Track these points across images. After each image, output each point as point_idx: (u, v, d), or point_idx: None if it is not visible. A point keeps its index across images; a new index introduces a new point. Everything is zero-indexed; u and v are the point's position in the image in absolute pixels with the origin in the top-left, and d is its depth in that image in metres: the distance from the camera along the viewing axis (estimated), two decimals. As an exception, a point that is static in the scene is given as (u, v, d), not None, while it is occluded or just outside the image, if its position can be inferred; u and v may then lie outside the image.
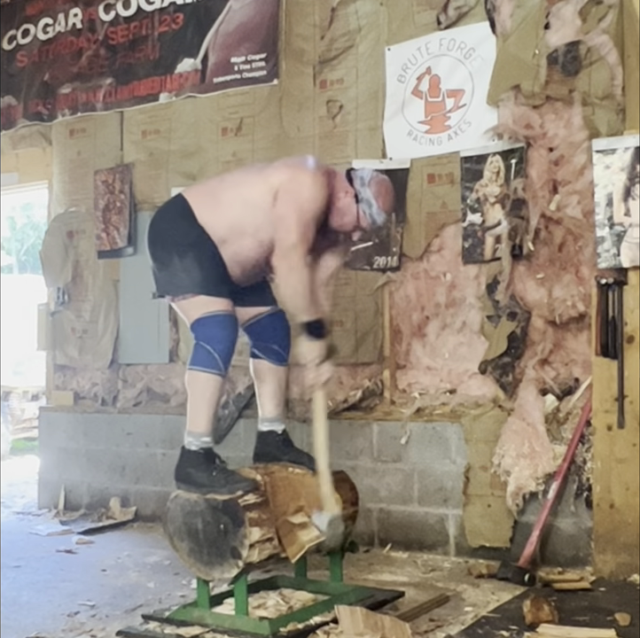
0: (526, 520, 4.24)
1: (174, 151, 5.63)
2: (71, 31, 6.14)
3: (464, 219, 4.62)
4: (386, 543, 4.66)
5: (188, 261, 3.45)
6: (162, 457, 5.49)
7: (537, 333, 4.41)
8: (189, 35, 5.62)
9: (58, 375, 6.18)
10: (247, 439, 4.97)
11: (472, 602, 3.68)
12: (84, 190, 6.00)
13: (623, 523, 3.96)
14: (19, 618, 3.55)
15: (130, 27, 5.87)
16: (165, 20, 5.73)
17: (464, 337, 4.65)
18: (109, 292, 5.89)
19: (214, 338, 3.41)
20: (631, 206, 4.03)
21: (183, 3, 5.65)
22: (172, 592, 3.92)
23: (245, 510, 3.20)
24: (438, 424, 4.58)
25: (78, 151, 6.05)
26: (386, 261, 4.83)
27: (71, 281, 6.04)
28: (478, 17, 4.62)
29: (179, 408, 5.53)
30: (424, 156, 4.78)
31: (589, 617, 3.33)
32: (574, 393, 4.31)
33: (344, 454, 4.72)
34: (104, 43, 5.99)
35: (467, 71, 4.66)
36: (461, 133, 4.68)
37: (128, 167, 5.81)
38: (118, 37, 5.93)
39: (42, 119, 6.23)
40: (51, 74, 6.21)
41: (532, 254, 4.41)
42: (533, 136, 4.43)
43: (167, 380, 5.65)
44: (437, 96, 4.76)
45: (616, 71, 4.23)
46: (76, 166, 6.06)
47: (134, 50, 5.85)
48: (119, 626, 3.39)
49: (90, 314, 5.96)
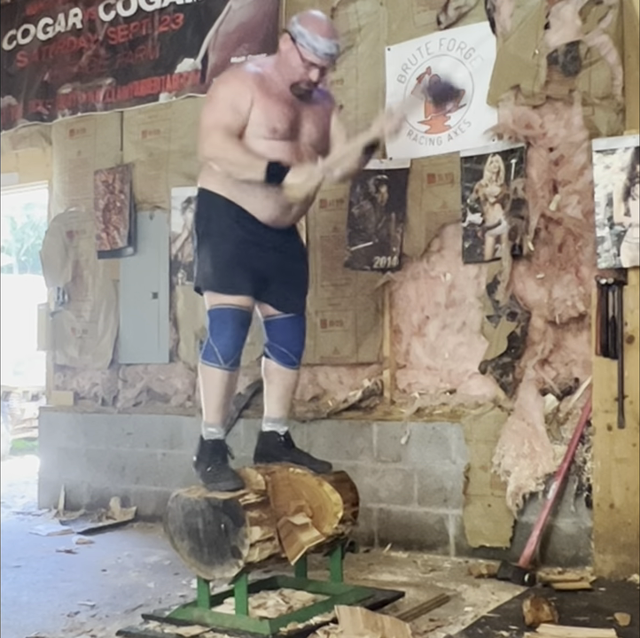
0: (526, 520, 4.24)
1: (174, 151, 5.63)
2: (71, 31, 6.14)
3: (464, 219, 4.62)
4: (386, 543, 4.66)
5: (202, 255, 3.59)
6: (162, 457, 5.50)
7: (537, 333, 4.41)
8: (189, 35, 5.62)
9: (58, 375, 6.18)
10: (247, 439, 4.97)
11: (472, 602, 3.68)
12: (84, 190, 6.00)
13: (623, 523, 3.96)
14: (19, 618, 3.55)
15: (130, 27, 5.87)
16: (165, 20, 5.72)
17: (464, 337, 4.65)
18: (109, 292, 5.89)
19: (214, 332, 3.51)
20: (631, 206, 4.03)
21: (183, 3, 5.65)
22: (172, 592, 3.91)
23: (246, 510, 3.20)
24: (438, 424, 4.58)
25: (78, 151, 6.05)
26: (386, 261, 4.83)
27: (71, 281, 6.04)
28: (478, 17, 4.62)
29: (179, 408, 5.54)
30: (424, 156, 4.78)
31: (589, 617, 3.33)
32: (574, 393, 4.30)
33: (344, 454, 4.72)
34: (104, 43, 5.98)
35: (467, 71, 4.66)
36: (461, 133, 4.68)
37: (128, 167, 5.81)
38: (118, 37, 5.93)
39: (43, 119, 6.23)
40: (51, 74, 6.21)
41: (532, 254, 4.41)
42: (533, 136, 4.43)
43: (167, 380, 5.65)
44: (437, 96, 4.76)
45: (616, 71, 4.23)
46: (76, 166, 6.05)
47: (134, 50, 5.85)
48: (119, 626, 3.39)
49: (90, 314, 5.96)
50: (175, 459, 5.40)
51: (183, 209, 5.52)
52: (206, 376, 3.55)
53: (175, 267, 5.58)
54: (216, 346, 3.48)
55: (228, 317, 3.48)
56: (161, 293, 5.63)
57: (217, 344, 3.48)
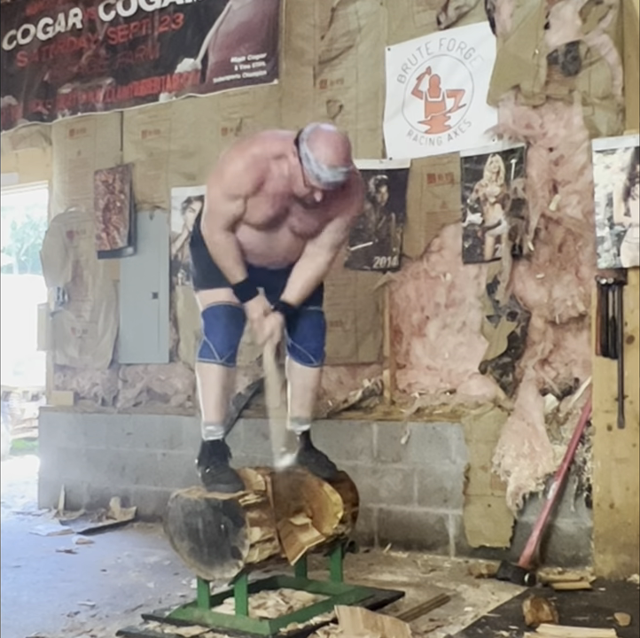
0: (526, 520, 4.24)
1: (174, 151, 5.63)
2: (71, 31, 6.14)
3: (464, 219, 4.62)
4: (386, 543, 4.66)
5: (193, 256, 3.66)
6: (162, 457, 5.50)
7: (537, 333, 4.41)
8: (189, 35, 5.62)
9: (58, 375, 6.18)
10: (247, 439, 4.98)
11: (472, 602, 3.68)
12: (84, 190, 6.00)
13: (623, 523, 3.96)
14: (19, 618, 3.55)
15: (130, 27, 5.87)
16: (165, 20, 5.72)
17: (464, 337, 4.65)
18: (109, 292, 5.89)
19: (208, 329, 3.55)
20: (631, 206, 4.03)
21: (183, 3, 5.65)
22: (172, 592, 3.91)
23: (246, 510, 3.20)
24: (438, 424, 4.58)
25: (78, 151, 6.05)
26: (386, 261, 4.83)
27: (71, 281, 6.04)
28: (478, 17, 4.62)
29: (179, 408, 5.54)
30: (424, 156, 4.78)
31: (589, 617, 3.34)
32: (574, 393, 4.31)
33: (344, 454, 4.72)
34: (104, 43, 5.98)
35: (467, 71, 4.66)
36: (461, 133, 4.68)
37: (128, 167, 5.81)
38: (118, 37, 5.93)
39: (43, 119, 6.23)
40: (51, 74, 6.21)
41: (532, 254, 4.41)
42: (533, 135, 4.43)
43: (167, 380, 5.65)
44: (437, 96, 4.76)
45: (616, 71, 4.23)
46: (76, 166, 6.06)
47: (134, 50, 5.85)
48: (119, 626, 3.39)
49: (90, 314, 5.96)
50: (175, 459, 5.40)
51: (183, 209, 5.53)
52: (203, 373, 3.56)
53: (175, 267, 5.58)
54: (211, 342, 3.52)
55: (220, 313, 3.52)
56: (161, 293, 5.63)
57: (212, 340, 3.52)
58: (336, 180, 3.25)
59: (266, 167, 3.31)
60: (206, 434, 3.55)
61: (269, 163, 3.31)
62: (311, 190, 3.27)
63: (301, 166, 3.23)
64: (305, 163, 3.21)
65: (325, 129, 3.32)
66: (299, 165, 3.24)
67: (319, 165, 3.19)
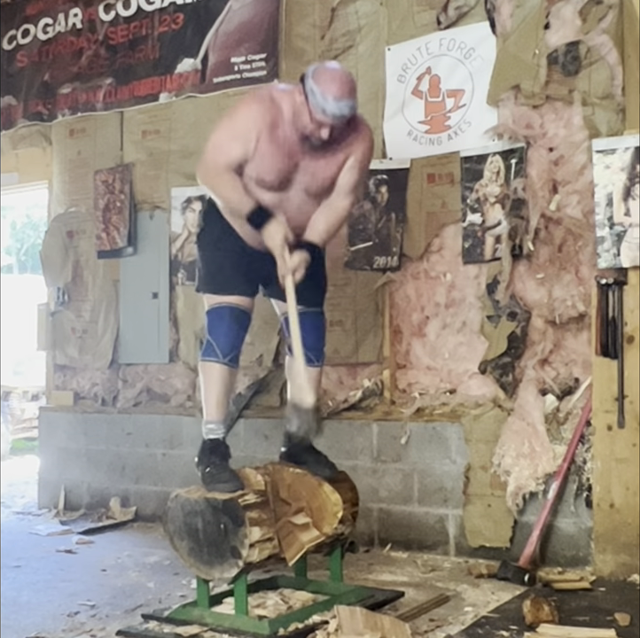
0: (526, 520, 4.24)
1: (174, 151, 5.63)
2: (71, 31, 6.14)
3: (464, 219, 4.62)
4: (386, 543, 4.65)
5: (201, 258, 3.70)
6: (162, 457, 5.50)
7: (537, 333, 4.41)
8: (189, 35, 5.61)
9: (58, 375, 6.18)
10: (247, 439, 4.98)
11: (471, 602, 3.68)
12: (84, 190, 5.99)
13: (623, 523, 3.96)
14: (19, 618, 3.55)
15: (130, 27, 5.87)
16: (165, 20, 5.72)
17: (464, 337, 4.65)
18: (109, 292, 5.89)
19: (212, 329, 3.57)
20: (631, 206, 4.02)
21: (183, 3, 5.65)
22: (172, 592, 3.91)
23: (246, 510, 3.20)
24: (438, 423, 4.58)
25: (78, 151, 6.05)
26: (386, 261, 4.83)
27: (71, 281, 6.04)
28: (478, 17, 4.62)
29: (179, 408, 5.54)
30: (424, 156, 4.78)
31: (589, 617, 3.33)
32: (574, 393, 4.30)
33: (344, 454, 4.72)
34: (104, 43, 5.98)
35: (467, 71, 4.66)
36: (461, 133, 4.68)
37: (128, 167, 5.80)
38: (118, 37, 5.93)
39: (43, 119, 6.22)
40: (51, 74, 6.20)
41: (532, 254, 4.41)
42: (533, 135, 4.43)
43: (167, 380, 5.65)
44: (437, 96, 4.76)
45: (616, 71, 4.23)
46: (76, 166, 6.05)
47: (134, 50, 5.85)
48: (119, 626, 3.39)
49: (90, 314, 5.96)
50: (175, 459, 5.40)
51: (183, 209, 5.52)
52: (205, 372, 3.59)
53: (175, 267, 5.58)
54: (214, 342, 3.54)
55: (224, 313, 3.54)
56: (161, 293, 5.63)
57: (215, 339, 3.54)
58: (342, 113, 3.30)
59: (278, 111, 3.38)
60: (206, 432, 3.56)
61: (282, 105, 3.39)
62: (317, 125, 3.31)
63: (307, 102, 3.29)
64: (311, 97, 3.29)
65: (330, 66, 3.47)
66: (304, 101, 3.30)
67: (325, 97, 3.26)
